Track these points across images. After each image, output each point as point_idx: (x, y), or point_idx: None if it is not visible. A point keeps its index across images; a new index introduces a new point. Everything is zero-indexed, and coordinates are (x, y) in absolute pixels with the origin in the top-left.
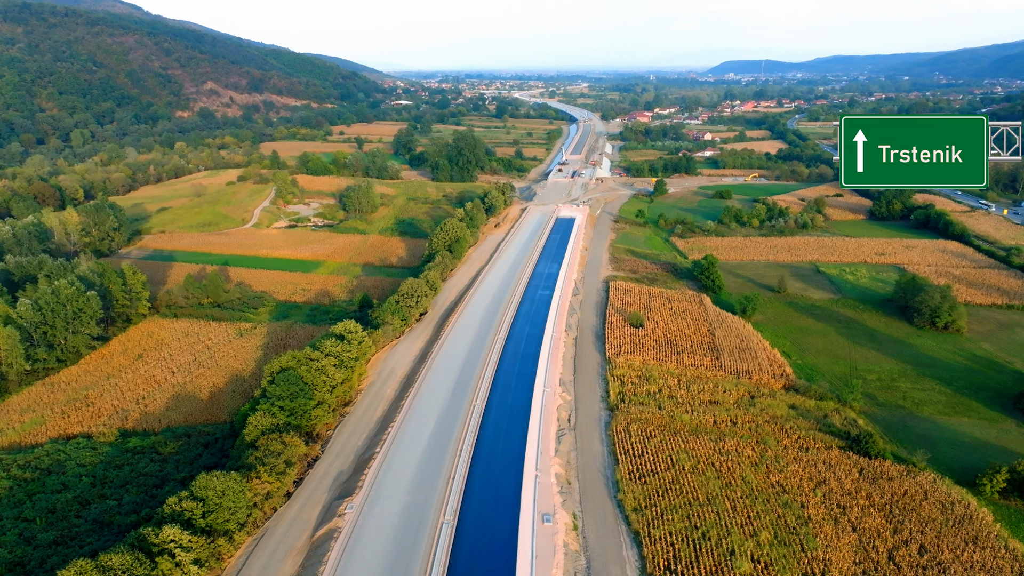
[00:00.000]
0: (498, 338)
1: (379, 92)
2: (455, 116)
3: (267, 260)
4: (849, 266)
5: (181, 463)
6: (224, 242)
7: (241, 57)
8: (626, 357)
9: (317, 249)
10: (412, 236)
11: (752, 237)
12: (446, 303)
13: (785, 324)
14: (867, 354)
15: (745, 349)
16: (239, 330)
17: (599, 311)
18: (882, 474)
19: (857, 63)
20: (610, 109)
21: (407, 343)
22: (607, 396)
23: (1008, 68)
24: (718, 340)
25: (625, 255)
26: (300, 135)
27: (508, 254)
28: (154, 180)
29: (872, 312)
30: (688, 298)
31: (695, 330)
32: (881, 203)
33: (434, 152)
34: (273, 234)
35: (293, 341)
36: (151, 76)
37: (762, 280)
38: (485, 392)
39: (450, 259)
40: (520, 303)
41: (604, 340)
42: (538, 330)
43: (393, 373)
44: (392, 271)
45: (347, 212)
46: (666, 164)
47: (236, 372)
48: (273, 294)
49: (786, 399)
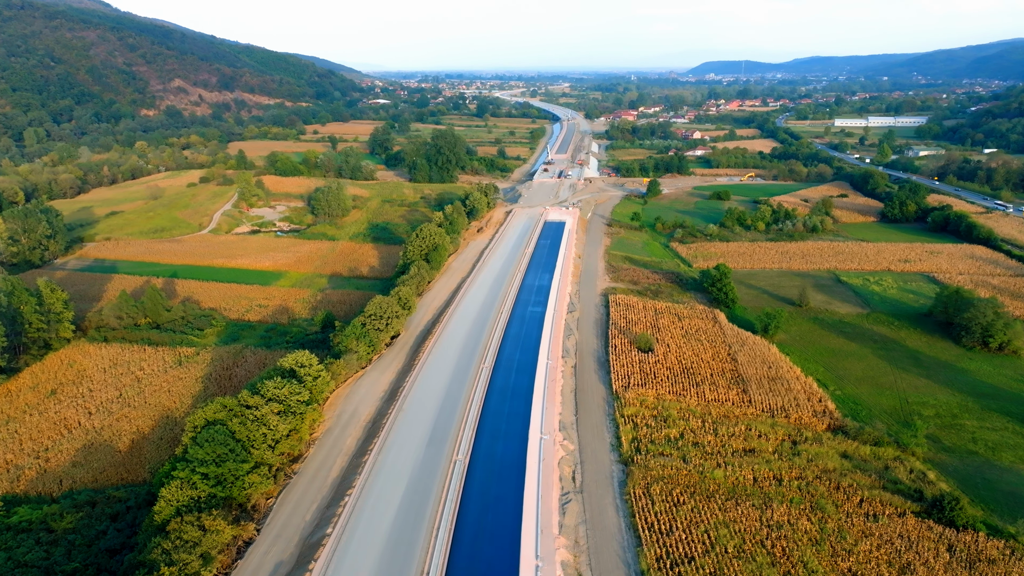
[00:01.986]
0: (483, 368)
1: (356, 91)
2: (435, 115)
3: (222, 271)
4: (872, 275)
5: (76, 546)
6: (176, 250)
7: (212, 54)
8: (637, 391)
9: (279, 258)
10: (386, 242)
11: (759, 242)
12: (422, 323)
13: (813, 345)
14: (915, 382)
15: (775, 379)
16: (179, 357)
17: (600, 331)
18: (979, 554)
19: (835, 64)
20: (593, 108)
21: (375, 374)
22: (618, 444)
23: (985, 68)
24: (742, 367)
25: (623, 263)
26: (272, 134)
27: (493, 263)
28: (108, 182)
29: (910, 329)
30: (700, 314)
31: (713, 354)
32: (894, 204)
33: (411, 151)
34: (232, 241)
35: (241, 371)
36: (114, 73)
37: (778, 291)
38: (469, 441)
39: (427, 270)
40: (508, 323)
41: (609, 368)
42: (530, 357)
43: (356, 415)
44: (362, 283)
45: (316, 216)
46: (657, 164)
47: (167, 412)
48: (224, 311)
49: (835, 445)
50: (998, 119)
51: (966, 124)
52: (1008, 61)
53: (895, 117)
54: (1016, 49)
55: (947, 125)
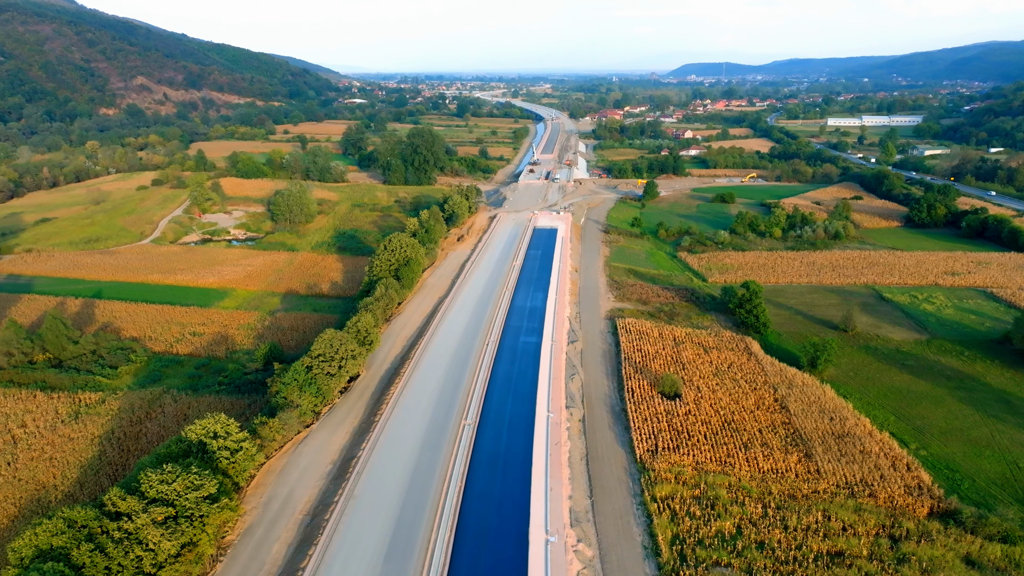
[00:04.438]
0: (465, 425)
1: (332, 91)
2: (413, 115)
3: (157, 289)
4: (919, 291)
5: None
6: (107, 264)
7: (179, 51)
8: (668, 458)
9: (227, 273)
10: (354, 253)
11: (779, 251)
12: (389, 358)
13: (873, 383)
14: (1018, 436)
15: (843, 436)
16: (78, 406)
17: (609, 368)
18: None
19: (814, 65)
20: (577, 108)
21: (322, 435)
22: (654, 546)
23: (964, 70)
24: (796, 419)
25: (627, 277)
26: (239, 134)
27: (476, 279)
28: (48, 185)
29: (986, 361)
30: (728, 343)
31: (757, 400)
32: (921, 207)
33: (386, 150)
34: (175, 252)
35: (154, 425)
36: (71, 69)
37: (812, 311)
38: (445, 549)
39: (397, 289)
40: (496, 358)
41: (627, 422)
42: (526, 409)
43: (290, 502)
44: (321, 303)
45: (275, 223)
46: (651, 164)
47: (40, 493)
48: (149, 342)
49: (950, 543)
50: (1001, 117)
51: (967, 123)
52: (987, 63)
53: (889, 116)
54: (994, 51)
55: (945, 124)
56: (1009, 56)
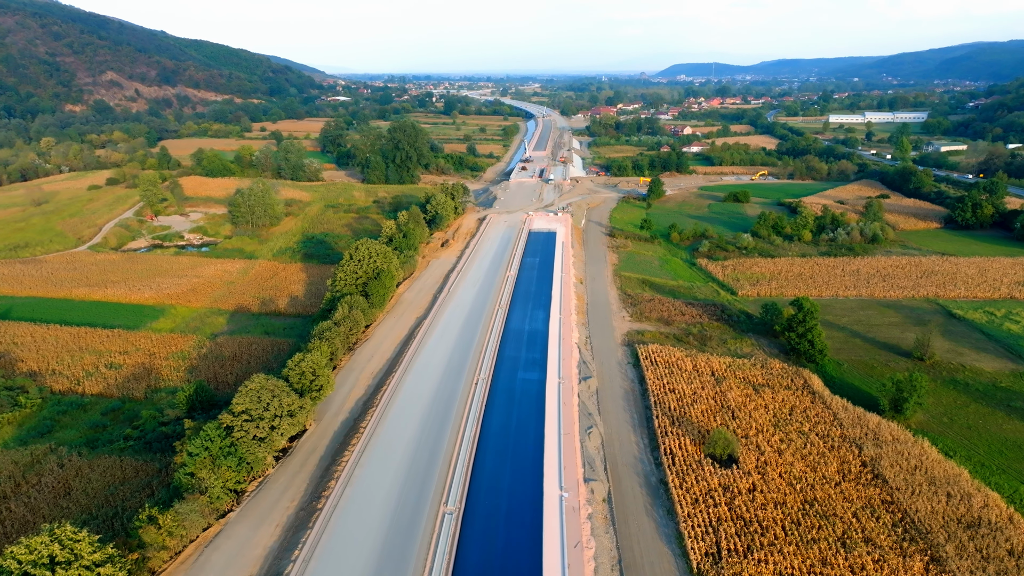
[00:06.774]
0: (444, 514)
1: (315, 88)
2: (398, 112)
3: (81, 306)
4: (995, 305)
5: None
6: (28, 275)
7: (152, 46)
8: (739, 566)
9: (167, 286)
10: (321, 261)
11: (813, 257)
12: (348, 402)
13: (977, 433)
14: None
15: (975, 524)
16: None
17: (636, 418)
18: None
19: (803, 66)
20: (568, 105)
21: (243, 529)
22: None
23: (954, 70)
24: (902, 495)
25: (642, 290)
26: (211, 131)
27: (463, 294)
28: None
29: None
30: (779, 377)
31: (838, 465)
32: (965, 207)
33: (364, 146)
34: (113, 261)
35: (22, 503)
36: (34, 63)
37: (871, 333)
38: None
39: (364, 308)
40: (487, 405)
41: (671, 504)
42: (528, 486)
43: None
44: (276, 323)
45: (235, 225)
46: (652, 161)
47: None
48: (50, 378)
49: None
50: (1015, 112)
51: (977, 118)
52: (977, 63)
53: (892, 113)
54: (983, 51)
55: (954, 120)
56: (999, 56)
